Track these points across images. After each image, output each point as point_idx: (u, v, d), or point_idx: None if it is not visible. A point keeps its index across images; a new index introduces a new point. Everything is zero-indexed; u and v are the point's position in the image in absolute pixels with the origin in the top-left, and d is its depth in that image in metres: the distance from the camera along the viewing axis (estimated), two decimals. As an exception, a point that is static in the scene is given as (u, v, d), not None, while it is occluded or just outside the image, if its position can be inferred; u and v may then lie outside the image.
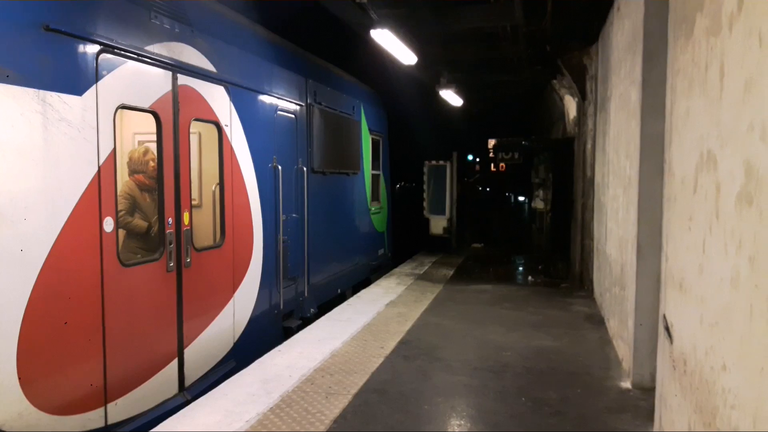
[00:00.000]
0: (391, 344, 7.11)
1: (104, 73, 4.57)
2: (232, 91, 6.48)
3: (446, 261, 14.72)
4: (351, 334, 7.52)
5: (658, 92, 4.79)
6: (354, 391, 5.56)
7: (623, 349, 6.39)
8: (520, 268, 14.80)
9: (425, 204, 16.71)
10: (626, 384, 5.80)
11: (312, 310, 8.78)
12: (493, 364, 6.44)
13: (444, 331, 7.84)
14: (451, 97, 14.36)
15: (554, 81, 13.11)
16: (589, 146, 10.36)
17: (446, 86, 13.28)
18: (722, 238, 2.71)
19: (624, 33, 6.85)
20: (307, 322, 8.31)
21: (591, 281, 10.26)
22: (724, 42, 2.75)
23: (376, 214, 12.79)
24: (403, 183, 18.28)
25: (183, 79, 5.60)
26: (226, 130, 6.41)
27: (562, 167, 12.72)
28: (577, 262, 11.36)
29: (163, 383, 5.27)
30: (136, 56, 4.95)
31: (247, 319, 6.87)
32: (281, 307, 7.79)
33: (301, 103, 8.50)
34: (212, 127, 6.30)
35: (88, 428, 4.36)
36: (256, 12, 7.01)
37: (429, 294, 10.32)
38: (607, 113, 8.43)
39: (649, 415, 4.72)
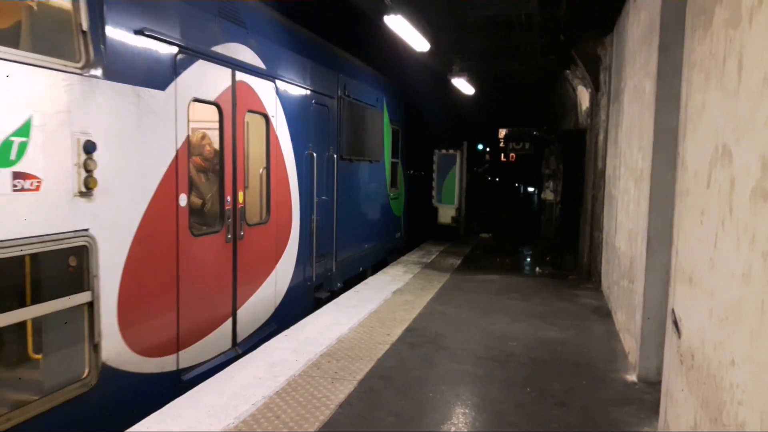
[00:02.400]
0: (398, 331, 7.14)
1: (181, 71, 5.37)
2: (278, 85, 7.34)
3: (454, 250, 14.71)
4: (358, 320, 7.55)
5: (673, 84, 4.73)
6: (359, 376, 5.59)
7: (630, 342, 6.38)
8: (528, 259, 14.78)
9: (434, 193, 16.67)
10: (632, 377, 5.80)
11: (338, 284, 9.73)
12: (498, 354, 6.45)
13: (450, 319, 7.85)
14: (463, 86, 14.26)
15: (567, 71, 12.98)
16: (601, 138, 10.28)
17: (458, 74, 13.19)
18: (735, 232, 2.69)
19: (640, 24, 6.77)
20: (333, 295, 9.13)
21: (599, 273, 10.22)
22: (744, 34, 2.70)
23: (395, 200, 13.71)
24: (411, 171, 18.27)
25: (240, 76, 6.41)
26: (273, 120, 7.26)
27: (573, 159, 12.64)
28: (585, 254, 11.32)
29: (220, 338, 6.21)
30: (204, 56, 5.75)
31: (286, 288, 7.78)
32: (313, 279, 8.72)
33: (332, 96, 9.34)
34: (260, 118, 7.04)
35: (165, 370, 5.27)
36: None
37: (436, 283, 10.33)
38: (620, 105, 8.35)
39: (654, 408, 4.72)
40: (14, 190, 3.75)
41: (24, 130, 3.82)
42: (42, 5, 4.54)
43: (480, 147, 23.75)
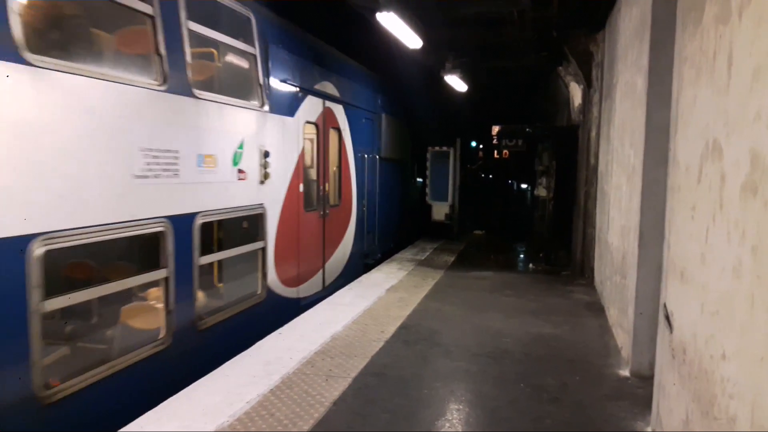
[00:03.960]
0: (392, 329, 7.15)
1: (300, 103, 8.30)
2: (345, 108, 10.27)
3: (447, 247, 14.74)
4: (352, 318, 7.56)
5: (665, 80, 4.76)
6: (354, 374, 5.60)
7: (622, 337, 6.41)
8: (521, 256, 14.83)
9: (428, 190, 16.69)
10: (625, 372, 5.83)
11: (378, 254, 12.72)
12: (492, 350, 6.47)
13: (444, 316, 7.87)
14: (456, 83, 14.27)
15: (559, 68, 13.01)
16: (593, 134, 10.31)
17: (451, 71, 13.20)
18: (726, 227, 2.71)
19: (631, 20, 6.79)
20: (376, 263, 12.00)
21: (592, 269, 10.27)
22: (734, 30, 2.72)
23: (413, 192, 16.91)
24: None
25: (327, 104, 9.40)
26: (343, 133, 10.35)
27: (566, 155, 12.67)
28: (578, 250, 11.36)
29: (317, 281, 9.21)
30: (311, 92, 8.67)
31: (349, 253, 10.85)
32: (364, 249, 11.84)
33: (374, 111, 12.45)
34: (335, 131, 9.98)
35: (293, 296, 8.20)
36: None
37: (430, 280, 10.35)
38: (612, 101, 8.38)
39: (647, 403, 4.74)
40: (237, 180, 6.56)
41: (240, 146, 6.57)
42: (242, 72, 7.19)
43: (473, 144, 23.78)
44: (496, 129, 19.74)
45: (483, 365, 6.02)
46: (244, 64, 7.13)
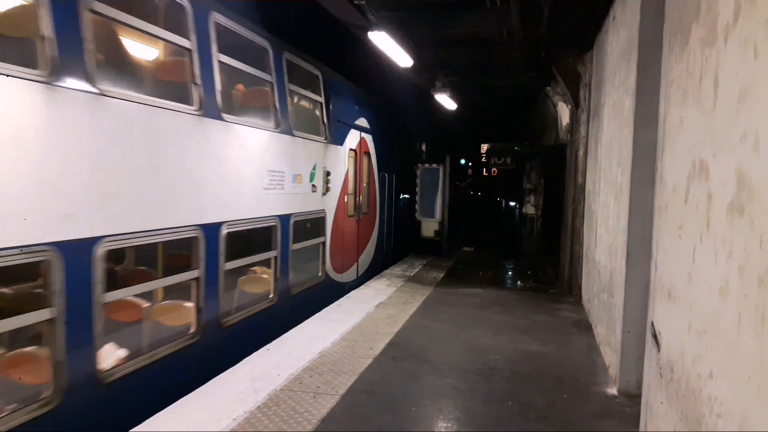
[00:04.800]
0: (380, 345, 7.11)
1: (346, 136, 10.83)
2: (374, 136, 12.77)
3: (437, 264, 14.74)
4: (340, 334, 7.52)
5: (652, 101, 4.83)
6: (342, 391, 5.56)
7: (610, 355, 6.42)
8: (510, 273, 14.85)
9: (417, 207, 16.73)
10: (612, 390, 5.83)
11: (392, 255, 14.99)
12: (480, 368, 6.46)
13: (433, 333, 7.85)
14: (446, 101, 14.39)
15: (548, 88, 13.16)
16: (581, 153, 10.41)
17: (441, 90, 13.32)
18: (712, 247, 2.74)
19: (619, 41, 6.90)
20: (392, 262, 14.62)
21: (579, 287, 10.31)
22: (720, 52, 2.77)
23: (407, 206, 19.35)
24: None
25: (363, 134, 11.97)
26: (372, 156, 12.87)
27: (554, 173, 12.79)
28: (566, 268, 11.41)
29: (353, 271, 11.72)
30: (353, 127, 11.31)
31: (374, 252, 13.33)
32: (384, 249, 14.22)
33: (392, 136, 14.72)
34: (366, 155, 12.45)
35: (339, 281, 10.63)
36: (258, 12, 7.22)
37: (419, 296, 10.33)
38: (600, 121, 8.48)
39: (634, 421, 4.74)
40: (311, 192, 8.95)
41: (314, 168, 8.98)
42: (314, 115, 9.60)
43: (462, 161, 23.91)
44: (485, 147, 19.86)
45: (471, 382, 6.00)
46: (315, 108, 9.63)
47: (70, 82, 4.15)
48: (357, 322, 8.20)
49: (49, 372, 4.13)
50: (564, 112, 12.73)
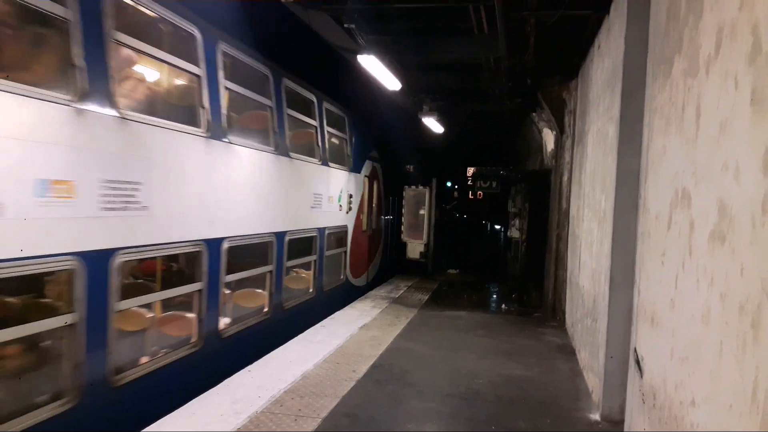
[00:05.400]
0: (364, 368, 7.05)
1: (363, 166, 13.20)
2: (381, 165, 14.62)
3: (422, 285, 14.72)
4: (323, 356, 7.45)
5: (635, 129, 4.91)
6: (324, 414, 5.49)
7: (593, 380, 6.43)
8: (495, 296, 14.87)
9: (403, 228, 16.76)
10: (595, 416, 5.82)
11: (391, 267, 16.78)
12: (464, 391, 6.42)
13: (417, 356, 7.81)
14: (433, 124, 14.52)
15: (533, 114, 13.34)
16: (565, 179, 10.53)
17: (428, 113, 13.44)
18: (694, 274, 2.77)
19: (603, 71, 7.03)
20: (392, 275, 16.32)
21: (563, 312, 10.33)
22: (701, 83, 2.84)
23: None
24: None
25: (373, 164, 13.95)
26: (380, 182, 14.64)
27: (539, 198, 12.90)
28: (550, 292, 11.45)
29: (365, 277, 13.75)
30: (369, 159, 13.56)
31: (380, 262, 15.27)
32: (388, 263, 15.97)
33: (398, 164, 16.97)
34: (376, 181, 14.35)
35: (354, 284, 12.90)
36: (251, 36, 7.31)
37: (403, 318, 10.29)
38: (584, 147, 8.60)
39: (617, 448, 4.73)
40: (338, 210, 11.31)
41: (341, 191, 11.37)
42: (342, 148, 11.69)
43: (449, 184, 24.05)
44: (471, 170, 20.05)
45: (455, 406, 5.96)
46: (342, 144, 11.67)
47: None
48: (340, 343, 8.14)
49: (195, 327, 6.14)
50: (549, 138, 12.89)
